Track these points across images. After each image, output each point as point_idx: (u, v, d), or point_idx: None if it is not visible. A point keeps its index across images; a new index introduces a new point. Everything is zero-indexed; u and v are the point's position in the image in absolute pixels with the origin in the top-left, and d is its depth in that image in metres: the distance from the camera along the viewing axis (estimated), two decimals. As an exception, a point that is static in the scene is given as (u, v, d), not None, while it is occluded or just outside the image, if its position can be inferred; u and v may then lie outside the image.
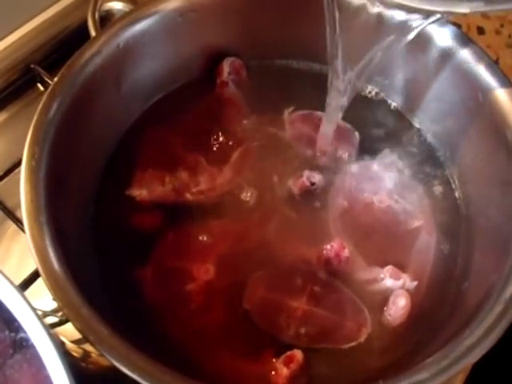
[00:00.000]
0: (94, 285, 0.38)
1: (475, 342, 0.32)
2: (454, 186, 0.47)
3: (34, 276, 0.45)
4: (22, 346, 0.32)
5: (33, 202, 0.35)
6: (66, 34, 0.60)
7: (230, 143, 0.48)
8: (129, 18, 0.44)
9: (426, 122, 0.49)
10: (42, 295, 0.41)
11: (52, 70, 0.58)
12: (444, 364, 0.31)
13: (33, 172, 0.36)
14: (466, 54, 0.43)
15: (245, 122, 0.49)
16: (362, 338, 0.40)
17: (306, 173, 0.45)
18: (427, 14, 0.36)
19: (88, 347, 0.42)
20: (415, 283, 0.41)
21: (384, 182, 0.46)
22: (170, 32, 0.46)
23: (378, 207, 0.45)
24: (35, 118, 0.39)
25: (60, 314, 0.43)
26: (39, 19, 0.59)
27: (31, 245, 0.34)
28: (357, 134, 0.48)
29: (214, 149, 0.47)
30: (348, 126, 0.48)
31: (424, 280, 0.42)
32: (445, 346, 0.32)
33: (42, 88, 0.59)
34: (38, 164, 0.37)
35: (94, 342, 0.31)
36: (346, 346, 0.39)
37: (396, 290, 0.41)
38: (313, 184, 0.44)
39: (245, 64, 0.51)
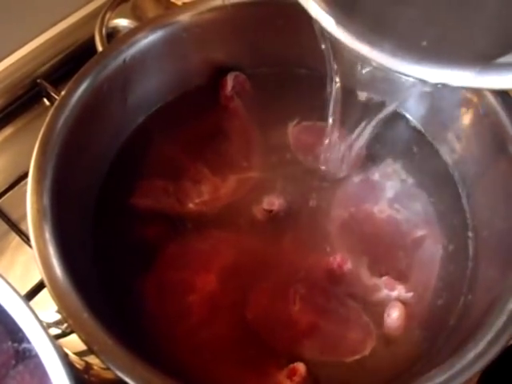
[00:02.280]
0: (97, 296, 0.38)
1: (479, 354, 0.32)
2: (461, 194, 0.46)
3: (37, 288, 0.45)
4: (25, 356, 0.31)
5: (39, 212, 0.35)
6: (72, 49, 0.61)
7: (234, 155, 0.48)
8: (135, 33, 0.45)
9: (430, 128, 0.49)
10: (45, 307, 0.41)
11: (58, 84, 0.59)
12: (448, 375, 0.31)
13: (39, 183, 0.37)
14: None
15: (249, 133, 0.49)
16: (367, 351, 0.39)
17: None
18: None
19: (90, 359, 0.42)
20: (411, 294, 0.41)
21: (385, 191, 0.46)
22: (174, 47, 0.47)
23: (378, 217, 0.45)
24: (42, 130, 0.39)
25: (63, 326, 0.43)
26: (46, 35, 0.61)
27: (37, 256, 0.34)
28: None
29: (218, 160, 0.48)
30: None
31: (429, 291, 0.42)
32: (449, 358, 0.32)
33: (47, 103, 0.60)
34: (44, 175, 0.38)
35: (98, 353, 0.31)
36: (351, 359, 0.39)
37: (391, 302, 0.41)
38: (270, 211, 0.44)
39: (249, 76, 0.52)
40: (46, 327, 0.29)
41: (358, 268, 0.42)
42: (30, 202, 0.36)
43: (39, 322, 0.29)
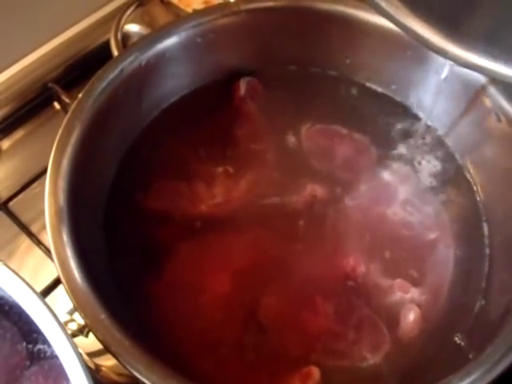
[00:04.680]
0: (113, 296, 0.38)
1: (498, 359, 0.31)
2: (476, 198, 0.46)
3: (48, 290, 0.45)
4: (40, 357, 0.31)
5: (56, 214, 0.35)
6: (83, 54, 0.62)
7: (247, 156, 0.48)
8: (151, 37, 0.46)
9: (447, 132, 0.49)
10: (54, 309, 0.41)
11: (68, 88, 0.59)
12: (467, 381, 0.31)
13: (56, 185, 0.37)
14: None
15: (262, 135, 0.49)
16: (380, 356, 0.39)
17: (331, 186, 0.45)
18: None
19: (99, 361, 0.42)
20: (424, 297, 0.41)
21: (398, 194, 0.46)
22: (190, 51, 0.48)
23: (391, 220, 0.45)
24: (59, 133, 0.40)
25: (74, 327, 0.43)
26: (58, 40, 0.61)
27: (55, 257, 0.34)
28: (373, 148, 0.49)
29: (230, 161, 0.48)
30: (364, 139, 0.49)
31: (442, 293, 0.42)
32: (467, 363, 0.32)
33: (58, 106, 0.60)
34: (61, 178, 0.38)
35: (116, 354, 0.30)
36: (364, 364, 0.39)
37: (406, 304, 0.41)
38: (314, 197, 0.45)
39: (262, 80, 0.52)
40: (64, 328, 0.29)
41: (372, 271, 0.42)
42: (47, 205, 0.36)
43: (59, 323, 0.29)
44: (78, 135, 0.39)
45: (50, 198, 0.36)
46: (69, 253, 0.34)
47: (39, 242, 0.50)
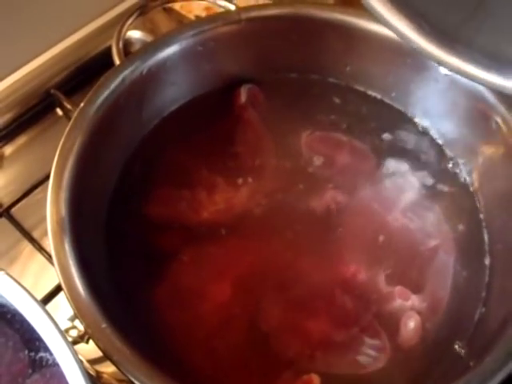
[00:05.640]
0: (114, 305, 0.38)
1: (498, 368, 0.31)
2: (478, 205, 0.46)
3: (49, 297, 0.45)
4: (42, 365, 0.32)
5: (58, 223, 0.36)
6: (85, 60, 0.62)
7: (248, 163, 0.48)
8: (152, 46, 0.46)
9: (448, 141, 0.49)
10: (55, 316, 0.42)
11: (71, 95, 0.60)
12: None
13: (58, 196, 0.37)
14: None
15: (262, 142, 0.50)
16: (381, 364, 0.39)
17: (331, 193, 0.45)
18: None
19: (100, 367, 0.42)
20: (425, 304, 0.41)
21: (398, 201, 0.46)
22: (191, 60, 0.48)
23: (392, 226, 0.45)
24: (61, 142, 0.40)
25: (74, 334, 0.43)
26: (60, 46, 0.61)
27: (57, 267, 0.34)
28: (373, 155, 0.49)
29: (232, 168, 0.48)
30: (364, 146, 0.49)
31: (443, 301, 0.42)
32: (467, 372, 0.32)
33: (60, 113, 0.60)
34: (63, 187, 0.38)
35: (117, 363, 0.31)
36: (364, 372, 0.39)
37: (407, 312, 0.41)
38: (337, 203, 0.45)
39: (262, 87, 0.52)
40: (65, 336, 0.29)
41: (372, 277, 0.42)
42: (49, 215, 0.36)
43: (59, 331, 0.29)
44: (80, 144, 0.40)
45: (51, 208, 0.36)
46: (70, 262, 0.34)
47: (41, 248, 0.50)
